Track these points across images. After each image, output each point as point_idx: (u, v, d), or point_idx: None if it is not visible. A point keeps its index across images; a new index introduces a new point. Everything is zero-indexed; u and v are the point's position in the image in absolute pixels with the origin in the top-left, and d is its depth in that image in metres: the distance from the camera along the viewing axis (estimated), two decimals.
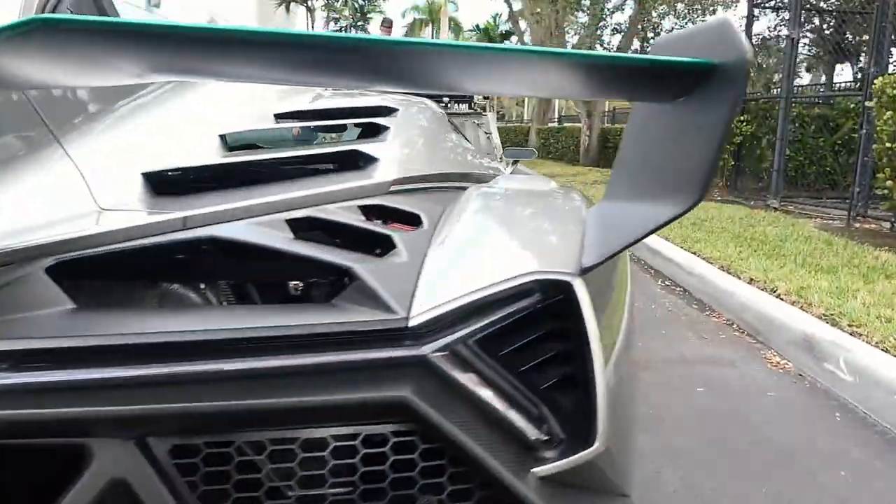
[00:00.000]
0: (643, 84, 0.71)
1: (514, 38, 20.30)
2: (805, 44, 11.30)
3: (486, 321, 0.77)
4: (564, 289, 0.76)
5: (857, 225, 6.13)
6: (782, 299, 3.26)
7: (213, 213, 0.91)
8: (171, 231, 0.86)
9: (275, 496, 0.74)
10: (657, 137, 0.78)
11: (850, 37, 9.42)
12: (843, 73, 14.84)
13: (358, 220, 0.97)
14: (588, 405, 0.76)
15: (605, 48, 14.31)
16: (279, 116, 1.52)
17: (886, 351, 2.51)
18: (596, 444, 0.74)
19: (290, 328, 0.71)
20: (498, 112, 41.84)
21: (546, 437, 0.79)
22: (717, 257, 4.21)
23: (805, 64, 12.41)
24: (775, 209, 7.14)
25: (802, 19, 10.14)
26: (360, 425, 0.75)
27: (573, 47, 15.84)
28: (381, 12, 27.49)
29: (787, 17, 7.65)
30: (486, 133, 9.16)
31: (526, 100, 37.67)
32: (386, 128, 1.40)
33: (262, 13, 16.93)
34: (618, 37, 13.93)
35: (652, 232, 0.73)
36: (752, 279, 3.64)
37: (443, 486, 0.78)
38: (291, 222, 0.98)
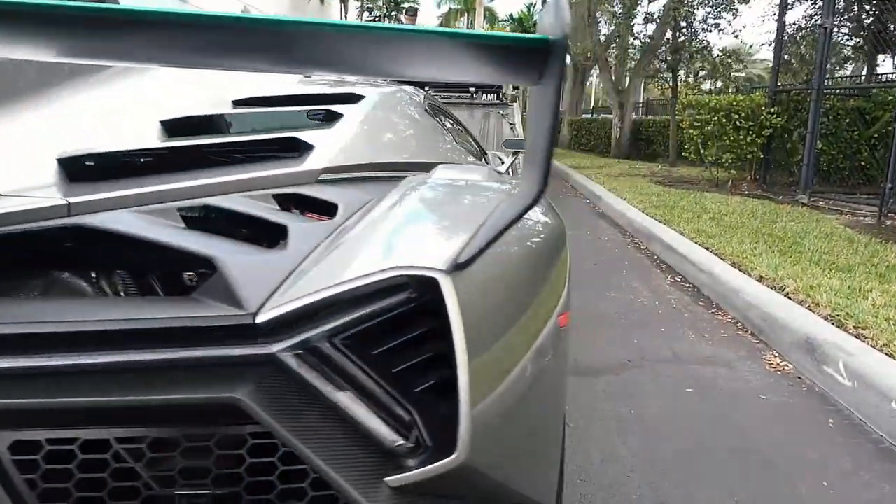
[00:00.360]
0: (508, 64, 0.65)
1: None
2: (844, 34, 10.88)
3: (347, 319, 0.73)
4: (432, 286, 0.72)
5: (889, 222, 5.88)
6: (790, 298, 3.14)
7: (101, 199, 0.88)
8: (54, 217, 0.84)
9: (119, 497, 0.71)
10: (534, 123, 0.73)
11: (893, 27, 9.01)
12: (886, 64, 14.27)
13: (258, 210, 0.93)
14: (454, 412, 0.71)
15: (637, 38, 13.99)
16: (237, 103, 1.50)
17: (890, 356, 2.38)
18: (456, 454, 0.69)
19: (131, 322, 0.68)
20: None
21: (412, 445, 0.74)
22: (730, 253, 4.07)
23: (842, 54, 11.94)
24: (804, 204, 6.90)
25: (842, 7, 9.77)
26: (213, 426, 0.71)
27: (605, 37, 15.54)
28: (413, 0, 27.42)
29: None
30: (511, 123, 9.11)
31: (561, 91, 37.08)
32: (340, 115, 1.37)
33: (295, 3, 17.02)
34: (651, 26, 13.60)
35: (506, 228, 0.68)
36: (761, 276, 3.51)
37: (304, 491, 0.74)
38: (186, 211, 0.95)
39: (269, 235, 0.91)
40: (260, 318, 0.69)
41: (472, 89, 9.97)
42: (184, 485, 0.72)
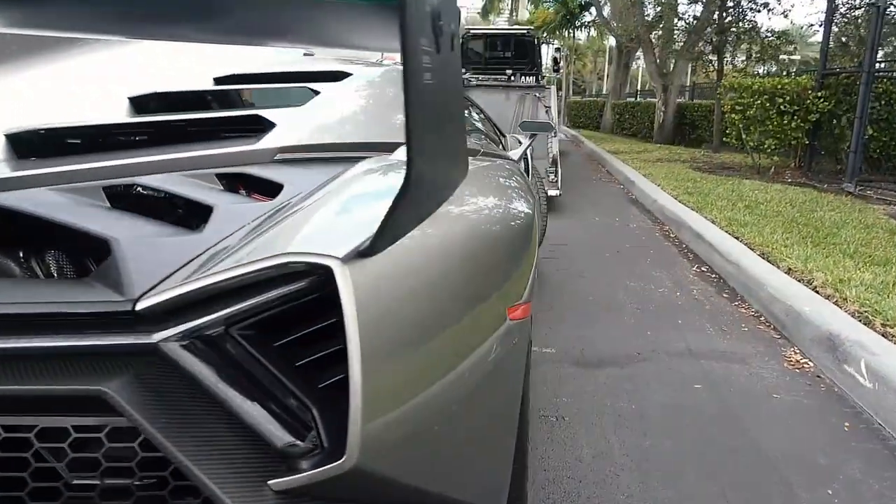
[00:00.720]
0: (372, 27, 0.60)
1: (592, 10, 19.53)
2: None
3: (240, 307, 0.69)
4: (326, 274, 0.66)
5: None
6: (817, 292, 2.98)
7: (24, 177, 0.86)
8: None
9: (4, 486, 0.68)
10: None
11: None
12: None
13: (185, 190, 0.90)
14: (346, 412, 0.66)
15: (681, 19, 13.53)
16: (218, 80, 1.47)
17: None
18: (345, 458, 0.65)
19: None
20: (579, 86, 40.72)
21: (310, 446, 0.69)
22: (760, 243, 3.90)
23: None
24: (849, 193, 6.58)
25: None
26: (98, 417, 0.68)
27: (651, 19, 15.08)
28: None
29: None
30: (546, 106, 8.97)
31: (606, 74, 36.44)
32: (316, 93, 1.33)
33: None
34: (695, 7, 13.14)
35: (389, 212, 0.62)
36: (790, 268, 3.35)
37: (199, 490, 0.71)
38: (117, 189, 0.92)
39: (199, 217, 0.87)
40: (141, 306, 0.65)
41: (508, 72, 9.84)
42: (72, 476, 0.69)
